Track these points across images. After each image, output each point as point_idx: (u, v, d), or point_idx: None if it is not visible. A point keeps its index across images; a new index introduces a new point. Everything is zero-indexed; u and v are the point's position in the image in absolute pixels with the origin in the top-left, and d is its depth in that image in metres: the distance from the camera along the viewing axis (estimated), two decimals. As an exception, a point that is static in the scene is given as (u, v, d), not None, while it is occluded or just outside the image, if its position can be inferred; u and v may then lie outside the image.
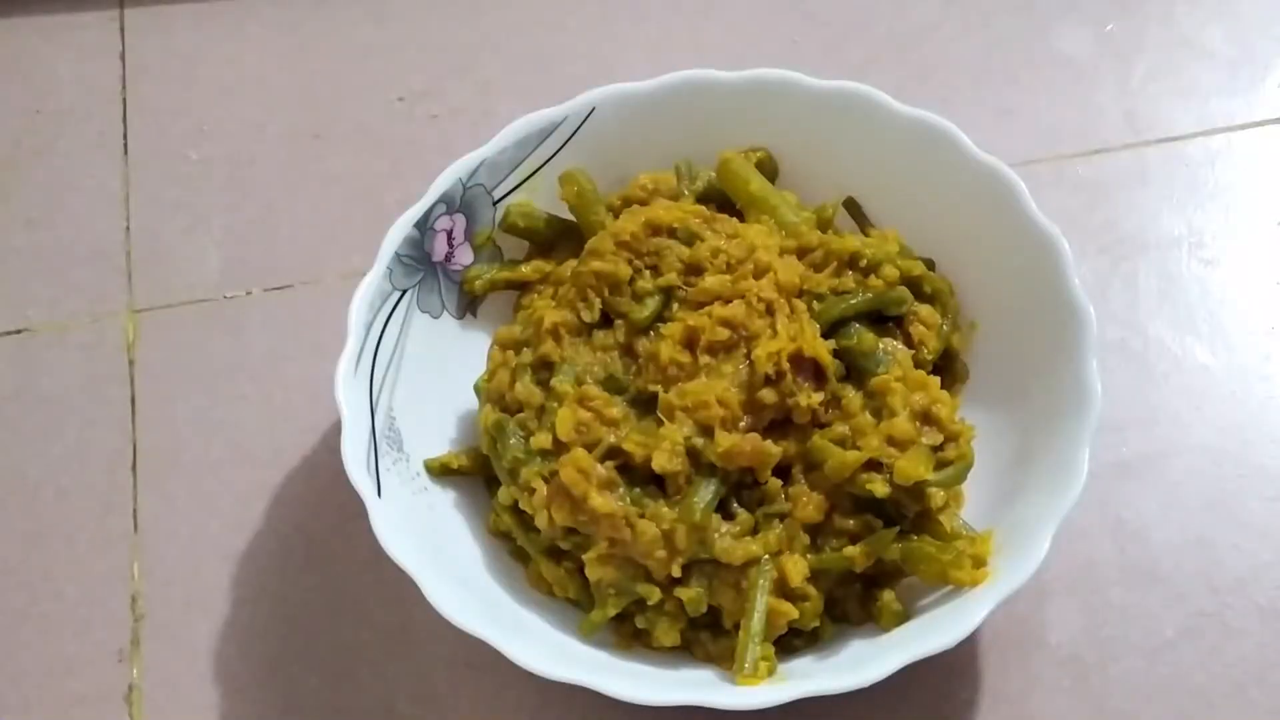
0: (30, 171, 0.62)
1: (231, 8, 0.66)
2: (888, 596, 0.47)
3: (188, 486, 0.54)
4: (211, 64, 0.65)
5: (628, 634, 0.47)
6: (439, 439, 0.51)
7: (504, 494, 0.48)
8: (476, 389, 0.51)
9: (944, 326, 0.51)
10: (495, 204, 0.53)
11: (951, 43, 0.65)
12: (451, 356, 0.52)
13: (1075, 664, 0.49)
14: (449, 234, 0.52)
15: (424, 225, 0.51)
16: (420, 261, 0.51)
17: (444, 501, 0.50)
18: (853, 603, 0.47)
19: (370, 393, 0.49)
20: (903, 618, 0.46)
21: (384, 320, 0.50)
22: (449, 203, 0.51)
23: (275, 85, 0.65)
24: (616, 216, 0.51)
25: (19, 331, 0.58)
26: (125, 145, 0.63)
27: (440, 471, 0.50)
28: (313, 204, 0.61)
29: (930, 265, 0.52)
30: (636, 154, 0.53)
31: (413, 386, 0.50)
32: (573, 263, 0.51)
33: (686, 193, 0.52)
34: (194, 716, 0.50)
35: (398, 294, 0.50)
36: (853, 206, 0.54)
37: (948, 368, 0.51)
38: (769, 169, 0.54)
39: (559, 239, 0.53)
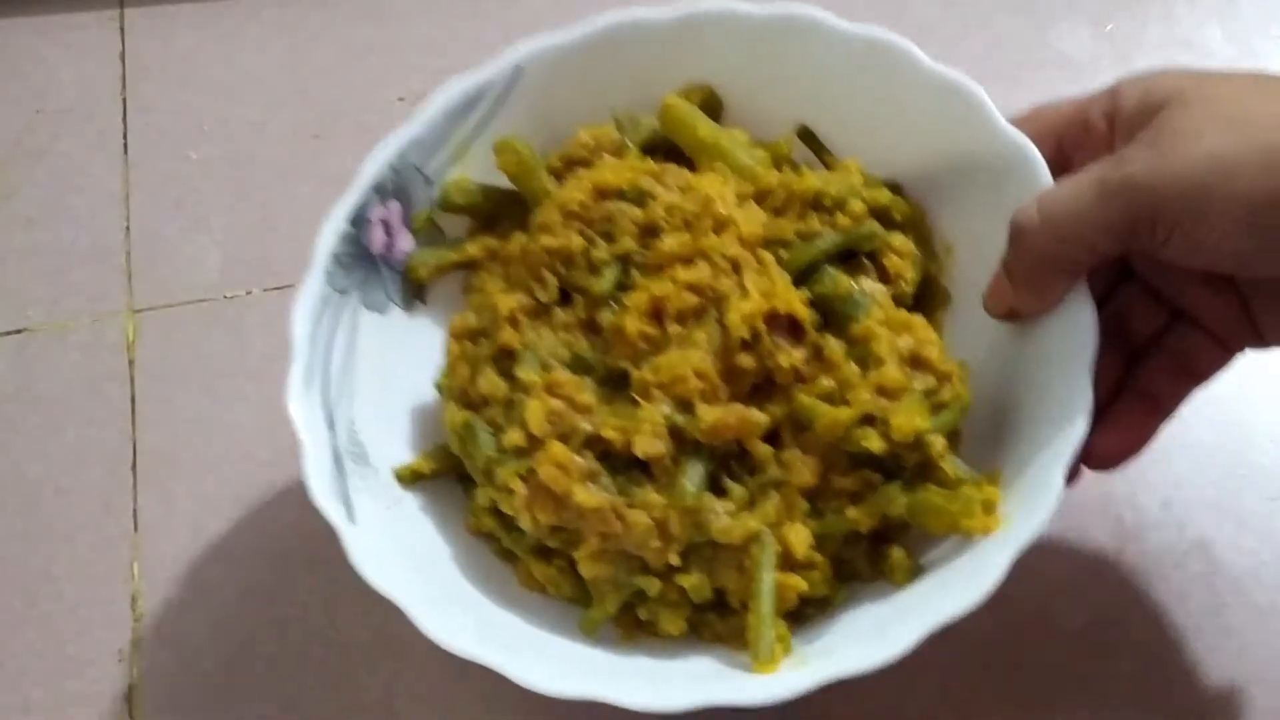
0: (30, 171, 0.62)
1: (231, 8, 0.66)
2: (897, 554, 0.44)
3: (188, 486, 0.54)
4: (211, 64, 0.65)
5: (631, 623, 0.45)
6: (405, 443, 0.49)
7: (481, 495, 0.46)
8: (438, 387, 0.48)
9: (919, 254, 0.48)
10: (430, 183, 0.49)
11: (951, 43, 0.65)
12: (405, 352, 0.49)
13: (1077, 663, 0.49)
14: (385, 223, 0.49)
15: (358, 219, 0.48)
16: (359, 258, 0.48)
17: (420, 509, 0.47)
18: (861, 561, 0.45)
19: (327, 409, 0.46)
20: (915, 572, 0.44)
21: (330, 328, 0.47)
22: (381, 191, 0.48)
23: (275, 85, 0.65)
24: (559, 179, 0.48)
25: (19, 331, 0.58)
26: (125, 145, 0.63)
27: (412, 479, 0.48)
28: (313, 204, 0.61)
29: (896, 188, 0.49)
30: (572, 109, 0.50)
31: (370, 392, 0.48)
32: (521, 237, 0.48)
33: (630, 145, 0.49)
34: (194, 716, 0.50)
35: (340, 297, 0.47)
36: (807, 136, 0.50)
37: (927, 294, 0.48)
38: (714, 107, 0.50)
39: (502, 211, 0.50)
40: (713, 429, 0.43)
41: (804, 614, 0.44)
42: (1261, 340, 0.43)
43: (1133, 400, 0.44)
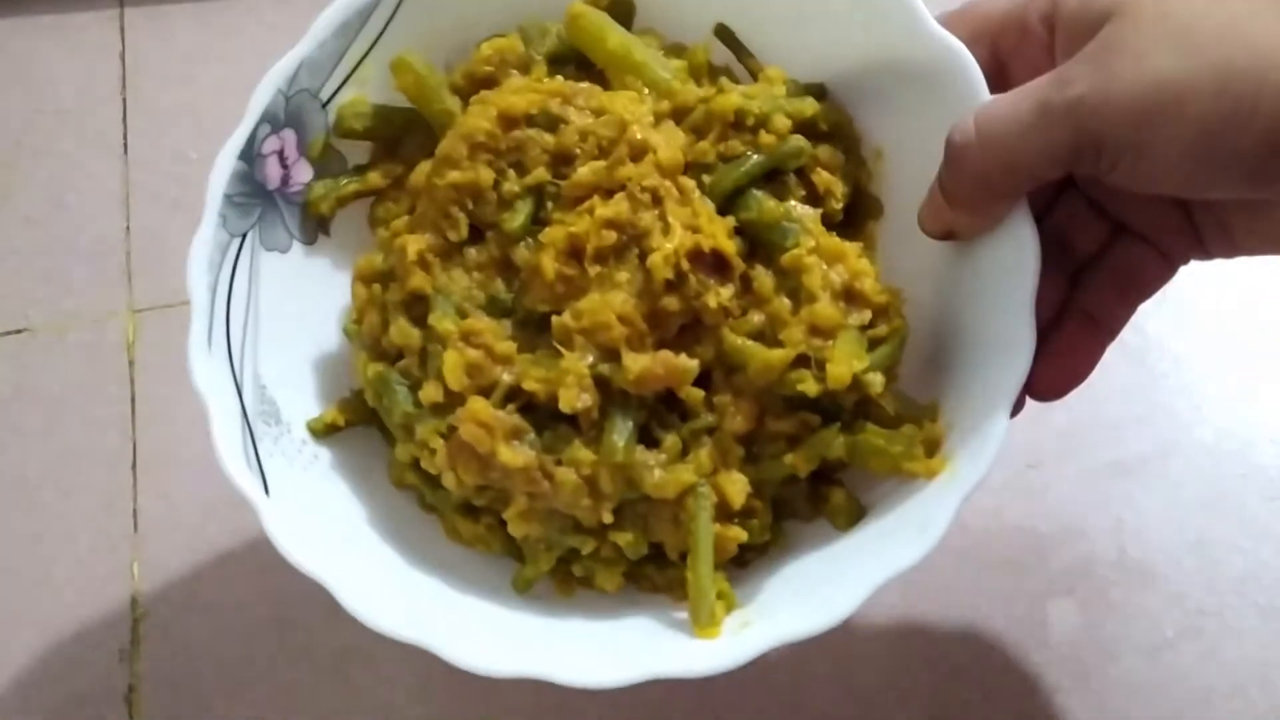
0: (30, 171, 0.62)
1: (231, 7, 0.66)
2: (839, 497, 0.43)
3: (188, 486, 0.54)
4: (211, 64, 0.65)
5: (566, 576, 0.44)
6: (316, 393, 0.46)
7: (402, 451, 0.43)
8: (347, 332, 0.45)
9: (847, 165, 0.45)
10: (325, 105, 0.45)
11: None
12: (310, 292, 0.46)
13: (1075, 664, 0.49)
14: (280, 155, 0.45)
15: (249, 153, 0.44)
16: (255, 195, 0.44)
17: (338, 463, 0.45)
18: (800, 501, 0.44)
19: (232, 368, 0.43)
20: (858, 514, 0.43)
21: (229, 276, 0.43)
22: (273, 120, 0.44)
23: (275, 85, 0.65)
24: (464, 99, 0.45)
25: (19, 331, 0.58)
26: (125, 145, 0.63)
27: (326, 432, 0.45)
28: (313, 204, 0.61)
29: (820, 91, 0.45)
30: (473, 17, 0.46)
31: (277, 341, 0.44)
32: (426, 165, 0.44)
33: (538, 58, 0.45)
34: (194, 716, 0.50)
35: (237, 240, 0.43)
36: (726, 34, 0.46)
37: (858, 205, 0.46)
38: (624, 10, 0.46)
39: (404, 133, 0.46)
40: (640, 379, 0.40)
41: (744, 559, 0.43)
42: (1205, 251, 0.42)
43: (1076, 323, 0.43)
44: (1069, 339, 0.42)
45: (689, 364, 0.41)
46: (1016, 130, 0.38)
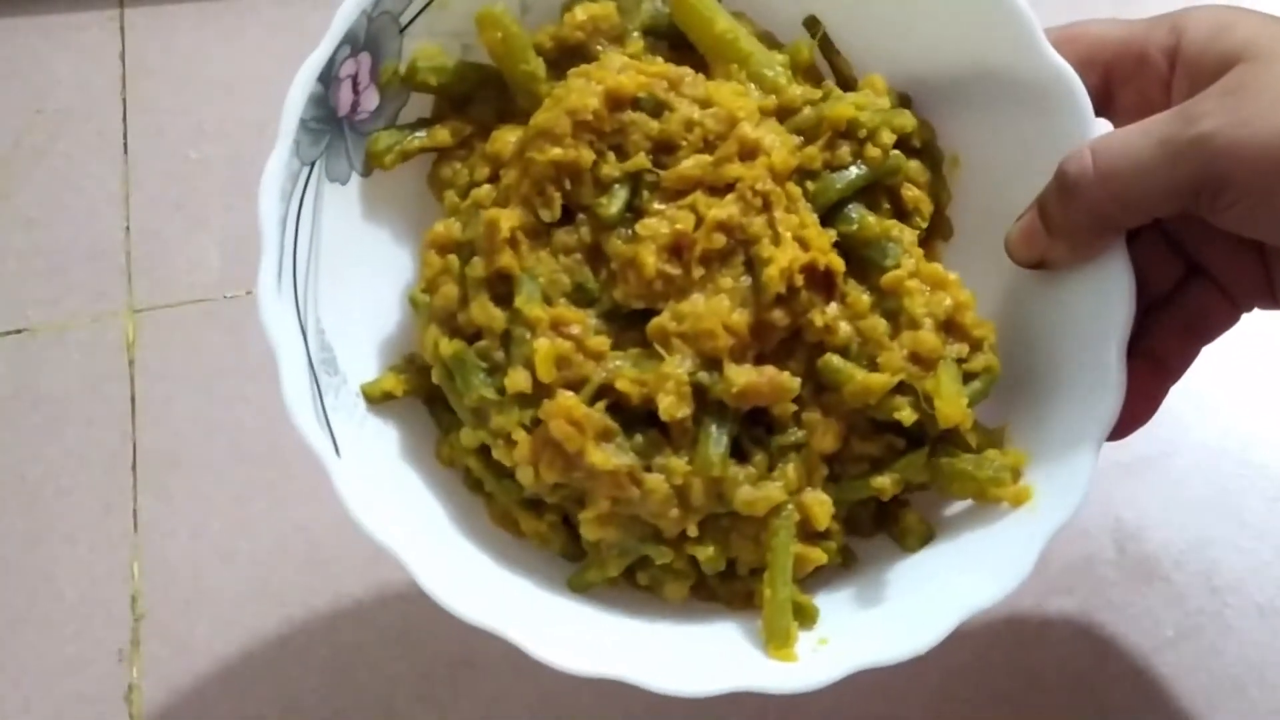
0: (30, 171, 0.62)
1: (231, 8, 0.66)
2: (911, 518, 0.42)
3: (188, 486, 0.54)
4: (211, 64, 0.65)
5: (623, 580, 0.42)
6: (371, 344, 0.43)
7: (469, 437, 0.41)
8: (413, 301, 0.42)
9: (933, 184, 0.44)
10: (403, 31, 0.42)
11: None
12: (366, 228, 0.43)
13: (1075, 664, 0.49)
14: (354, 79, 0.42)
15: (328, 75, 0.41)
16: (326, 121, 0.41)
17: (388, 433, 0.43)
18: (866, 517, 0.43)
19: (298, 311, 0.40)
20: (929, 536, 0.42)
21: (297, 208, 0.40)
22: (353, 41, 0.41)
23: (275, 85, 0.64)
24: (548, 62, 0.43)
25: (19, 331, 0.58)
26: (125, 145, 0.63)
27: (380, 399, 0.42)
28: (313, 204, 0.61)
29: (907, 101, 0.44)
30: None
31: (335, 284, 0.42)
32: (509, 133, 0.42)
33: (633, 31, 0.43)
34: (194, 716, 0.50)
35: (307, 169, 0.41)
36: (825, 43, 0.44)
37: (930, 223, 0.44)
38: None
39: (475, 90, 0.44)
40: (744, 393, 0.39)
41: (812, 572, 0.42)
42: (1274, 302, 0.42)
43: (1142, 364, 0.42)
44: (1135, 380, 0.42)
45: (793, 382, 0.40)
46: (1138, 165, 0.37)
